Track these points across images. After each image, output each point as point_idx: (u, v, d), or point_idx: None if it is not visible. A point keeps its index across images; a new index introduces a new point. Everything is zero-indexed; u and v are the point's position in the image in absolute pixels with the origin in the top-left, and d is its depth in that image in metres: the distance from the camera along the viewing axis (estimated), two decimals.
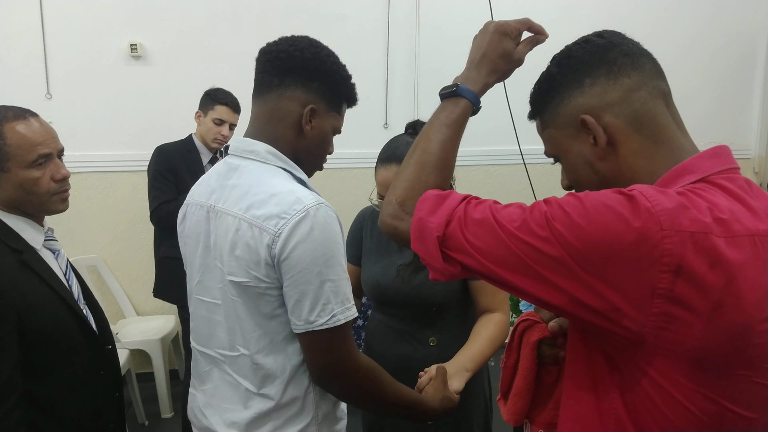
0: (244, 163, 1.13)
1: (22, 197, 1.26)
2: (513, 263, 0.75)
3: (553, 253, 0.72)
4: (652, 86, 0.83)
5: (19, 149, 1.23)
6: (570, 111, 0.84)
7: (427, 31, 3.70)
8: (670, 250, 0.68)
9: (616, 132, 0.82)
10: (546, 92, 0.88)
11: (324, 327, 1.05)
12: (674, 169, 0.79)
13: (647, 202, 0.70)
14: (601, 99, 0.82)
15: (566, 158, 0.88)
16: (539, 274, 0.74)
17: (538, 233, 0.73)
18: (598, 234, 0.70)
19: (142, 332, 3.25)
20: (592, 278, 0.71)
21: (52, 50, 3.24)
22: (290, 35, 1.16)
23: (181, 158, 2.81)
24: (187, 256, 1.24)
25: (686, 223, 0.69)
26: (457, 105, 0.95)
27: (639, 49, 0.85)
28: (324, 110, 1.15)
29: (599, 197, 0.73)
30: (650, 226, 0.68)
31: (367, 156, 2.44)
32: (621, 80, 0.82)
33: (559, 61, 0.87)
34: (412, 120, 1.66)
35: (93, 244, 3.43)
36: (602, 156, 0.83)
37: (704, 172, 0.78)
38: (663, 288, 0.69)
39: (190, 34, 3.40)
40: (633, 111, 0.81)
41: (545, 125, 0.90)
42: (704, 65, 4.11)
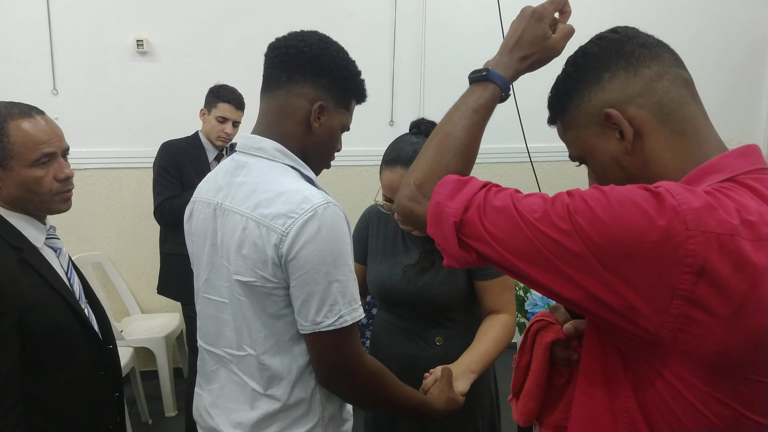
0: (251, 161, 1.11)
1: (24, 196, 1.25)
2: (531, 254, 0.74)
3: (574, 247, 0.70)
4: (674, 75, 0.81)
5: (22, 147, 1.22)
6: (592, 108, 0.82)
7: (434, 27, 3.68)
8: (694, 251, 0.66)
9: (642, 124, 0.80)
10: (564, 93, 0.86)
11: (331, 328, 1.04)
12: (701, 167, 0.77)
13: (673, 200, 0.68)
14: (623, 92, 0.80)
15: (593, 158, 0.86)
16: (557, 268, 0.72)
17: (560, 226, 0.72)
18: (621, 230, 0.68)
19: (146, 330, 3.25)
20: (611, 275, 0.69)
21: (59, 46, 3.24)
22: (299, 30, 1.14)
23: (186, 155, 2.81)
24: (195, 254, 1.23)
25: (713, 223, 0.67)
26: (485, 90, 0.92)
27: (655, 40, 0.83)
28: (333, 107, 1.13)
29: (624, 192, 0.71)
30: (675, 225, 0.67)
31: (373, 153, 2.43)
32: (641, 71, 0.80)
33: (575, 60, 0.85)
34: (418, 118, 1.64)
35: (98, 241, 3.43)
36: (629, 150, 0.80)
37: (732, 171, 0.75)
38: (684, 289, 0.67)
39: (197, 29, 3.39)
40: (657, 101, 0.79)
41: (567, 127, 0.88)
42: (712, 62, 4.07)
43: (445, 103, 3.27)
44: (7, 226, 1.24)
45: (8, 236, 1.23)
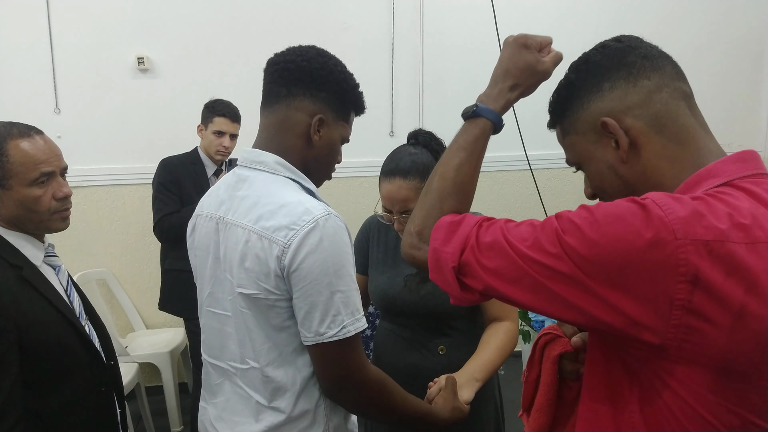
0: (253, 174, 1.12)
1: (23, 215, 1.26)
2: (527, 284, 0.74)
3: (565, 269, 0.71)
4: (674, 88, 0.82)
5: (21, 167, 1.23)
6: (590, 116, 0.84)
7: (432, 38, 3.70)
8: (685, 259, 0.66)
9: (638, 134, 0.81)
10: (565, 99, 0.87)
11: (334, 339, 1.04)
12: (698, 173, 0.78)
13: (660, 211, 0.68)
14: (621, 102, 0.81)
15: (589, 165, 0.87)
16: (554, 293, 0.73)
17: (549, 250, 0.72)
18: (610, 245, 0.69)
19: (151, 345, 3.25)
20: (607, 292, 0.69)
21: (61, 65, 3.27)
22: (297, 45, 1.16)
23: (185, 171, 2.83)
24: (198, 268, 1.24)
25: (701, 231, 0.67)
26: (476, 126, 0.95)
27: (658, 51, 0.84)
28: (332, 119, 1.15)
29: (610, 208, 0.72)
30: (664, 235, 0.67)
31: (373, 164, 2.44)
32: (641, 82, 0.81)
33: (578, 67, 0.87)
34: (416, 129, 1.65)
35: (102, 258, 3.44)
36: (625, 159, 0.82)
37: (728, 176, 0.76)
38: (681, 299, 0.67)
39: (196, 46, 3.42)
40: (654, 113, 0.80)
41: (566, 132, 0.89)
42: (712, 67, 4.09)
43: (444, 113, 3.31)
44: (6, 245, 1.25)
45: (7, 255, 1.23)
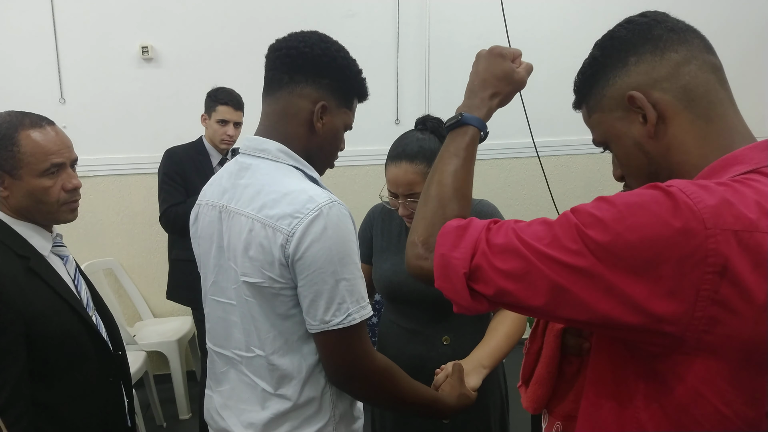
0: (255, 162, 1.12)
1: (32, 205, 1.26)
2: (543, 285, 0.71)
3: (586, 265, 0.68)
4: (702, 60, 0.79)
5: (32, 157, 1.23)
6: (616, 92, 0.81)
7: (437, 25, 3.67)
8: (715, 249, 0.64)
9: (666, 108, 0.78)
10: (590, 76, 0.85)
11: (340, 326, 1.04)
12: (725, 157, 0.75)
13: (688, 199, 0.66)
14: (648, 76, 0.79)
15: (616, 143, 0.84)
16: (571, 295, 0.70)
17: (569, 247, 0.69)
18: (636, 237, 0.66)
19: (159, 334, 3.27)
20: (631, 286, 0.67)
21: (65, 55, 3.27)
22: (299, 31, 1.15)
23: (190, 161, 2.82)
24: (201, 257, 1.23)
25: (730, 220, 0.65)
26: (465, 134, 0.94)
27: (685, 25, 0.82)
28: (335, 107, 1.14)
29: (633, 198, 0.69)
30: (693, 225, 0.65)
31: (379, 153, 2.43)
32: (668, 55, 0.79)
33: (602, 44, 0.84)
34: (424, 115, 1.64)
35: (109, 247, 3.46)
36: (652, 134, 0.79)
37: (756, 163, 0.73)
38: (707, 289, 0.65)
39: (201, 35, 3.41)
40: (683, 86, 0.78)
41: (591, 111, 0.87)
42: (718, 49, 4.02)
43: (450, 100, 3.29)
44: (13, 235, 1.25)
45: (14, 245, 1.23)
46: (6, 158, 1.22)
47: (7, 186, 1.24)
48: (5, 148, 1.22)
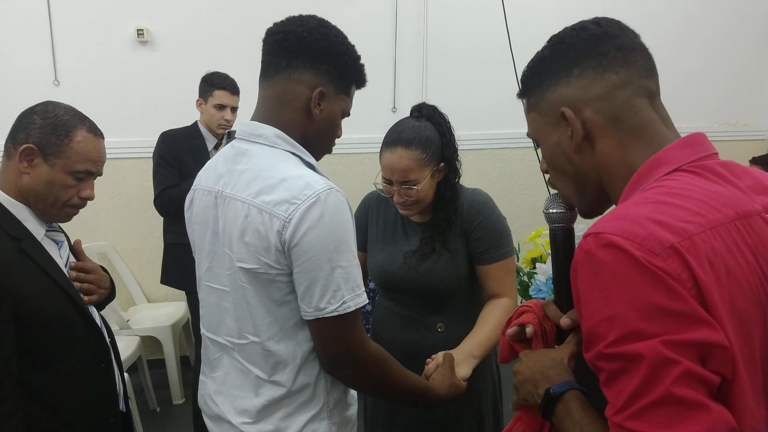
0: (252, 148, 1.11)
1: (42, 194, 1.27)
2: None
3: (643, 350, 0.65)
4: (639, 85, 0.82)
5: (75, 155, 1.27)
6: (554, 99, 0.85)
7: (436, 12, 3.65)
8: (677, 267, 0.65)
9: (594, 128, 0.82)
10: (536, 74, 0.88)
11: (334, 314, 1.04)
12: (647, 162, 0.79)
13: (623, 240, 0.67)
14: (585, 92, 0.82)
15: (545, 145, 0.89)
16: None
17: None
18: (630, 301, 0.66)
19: (152, 319, 3.27)
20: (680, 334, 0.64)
21: (59, 37, 3.23)
22: (298, 15, 1.13)
23: (185, 144, 2.81)
24: (196, 242, 1.23)
25: (670, 237, 0.67)
26: (567, 402, 0.82)
27: (634, 43, 0.83)
28: (333, 93, 1.13)
29: (594, 283, 0.69)
30: (650, 258, 0.66)
31: (375, 141, 2.41)
32: (608, 75, 0.81)
33: (553, 45, 0.87)
34: (419, 103, 1.63)
35: (103, 232, 3.44)
36: (577, 150, 0.83)
37: (677, 162, 0.77)
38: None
39: (196, 18, 3.37)
40: (614, 108, 0.81)
41: (530, 108, 0.90)
42: (717, 44, 4.03)
43: (447, 88, 3.26)
44: (7, 215, 1.24)
45: (6, 225, 1.23)
46: (53, 143, 1.25)
47: (34, 165, 1.24)
48: (58, 134, 1.25)
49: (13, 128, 1.27)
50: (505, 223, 1.60)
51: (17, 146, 1.24)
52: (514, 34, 2.92)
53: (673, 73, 4.02)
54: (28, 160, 1.24)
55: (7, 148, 1.27)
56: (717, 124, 4.18)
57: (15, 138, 1.26)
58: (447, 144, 1.54)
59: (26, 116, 1.27)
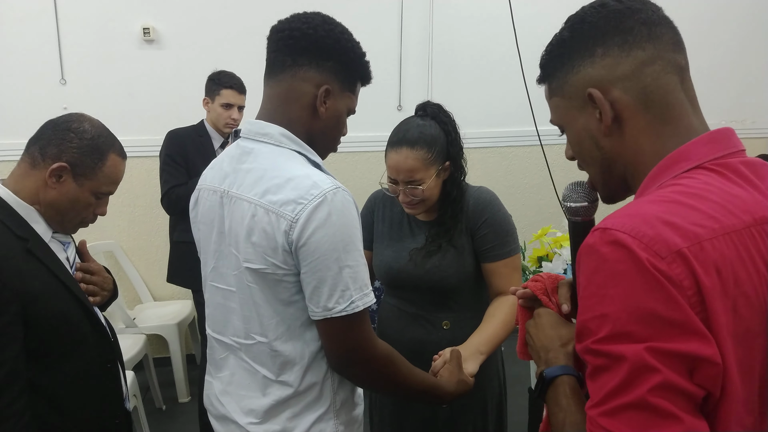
0: (257, 147, 1.10)
1: (63, 209, 1.28)
2: None
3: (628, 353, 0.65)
4: (668, 60, 0.78)
5: (104, 178, 1.30)
6: (579, 81, 0.81)
7: (441, 10, 3.63)
8: (680, 273, 0.64)
9: (623, 109, 0.78)
10: (557, 57, 0.84)
11: (343, 313, 1.04)
12: (671, 155, 0.76)
13: (632, 240, 0.66)
14: (611, 72, 0.78)
15: (571, 130, 0.85)
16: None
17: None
18: (630, 305, 0.65)
19: (158, 317, 3.28)
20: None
21: (66, 35, 3.24)
22: (302, 12, 1.12)
23: (192, 143, 2.82)
24: (201, 242, 1.23)
25: (678, 240, 0.65)
26: (559, 386, 0.84)
27: (659, 17, 0.80)
28: (338, 90, 1.12)
29: (593, 279, 0.68)
30: (654, 261, 0.64)
31: (380, 139, 2.41)
32: (634, 52, 0.77)
33: (573, 26, 0.82)
34: (424, 101, 1.63)
35: (109, 230, 3.45)
36: (607, 133, 0.80)
37: (698, 159, 0.74)
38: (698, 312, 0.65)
39: (203, 16, 3.37)
40: (644, 87, 0.77)
41: (553, 92, 0.86)
42: (725, 42, 4.00)
43: (453, 86, 3.24)
44: (14, 216, 1.24)
45: (13, 226, 1.22)
46: (87, 164, 1.26)
47: (62, 182, 1.25)
48: (93, 157, 1.27)
49: (43, 138, 1.26)
50: (510, 221, 1.59)
51: (46, 159, 1.24)
52: (520, 31, 2.90)
53: None
54: (57, 176, 1.24)
55: (33, 155, 1.25)
56: (725, 122, 4.15)
57: (45, 150, 1.24)
58: (452, 142, 1.53)
59: (60, 131, 1.26)
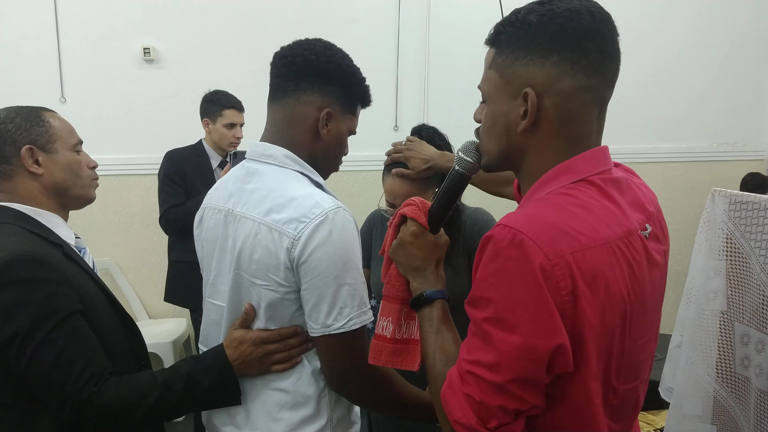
0: (262, 168, 1.13)
1: (69, 179, 1.26)
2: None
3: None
4: (599, 94, 0.84)
5: (63, 131, 1.26)
6: (523, 75, 0.83)
7: (438, 33, 3.70)
8: (561, 275, 0.74)
9: (545, 119, 0.83)
10: (514, 38, 0.84)
11: (341, 330, 1.06)
12: (558, 167, 0.84)
13: (528, 241, 0.75)
14: (553, 83, 0.82)
15: (491, 108, 0.89)
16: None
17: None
18: (526, 294, 0.75)
19: (153, 335, 3.26)
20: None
21: (67, 54, 3.27)
22: (304, 38, 1.16)
23: (190, 163, 2.85)
24: (204, 259, 1.24)
25: (564, 247, 0.75)
26: (436, 308, 1.01)
27: (614, 48, 0.83)
28: (339, 113, 1.15)
29: (491, 266, 0.78)
30: (542, 261, 0.74)
31: (377, 158, 2.44)
32: (579, 76, 0.81)
33: (542, 17, 0.82)
34: (420, 123, 1.66)
35: (106, 247, 3.46)
36: (522, 131, 0.85)
37: (583, 173, 0.83)
38: (568, 313, 0.78)
39: (202, 37, 3.42)
40: (570, 110, 0.83)
41: (494, 65, 0.87)
42: (717, 64, 4.07)
43: (449, 107, 3.30)
44: (40, 226, 1.22)
45: (46, 234, 1.20)
46: (40, 134, 1.23)
47: (42, 163, 1.23)
48: (37, 124, 1.23)
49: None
50: None
51: (11, 159, 1.20)
52: None
53: (673, 92, 4.08)
54: (33, 161, 1.22)
55: (2, 171, 1.21)
56: (716, 144, 4.21)
57: (2, 156, 1.20)
58: None
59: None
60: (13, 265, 1.07)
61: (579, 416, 0.81)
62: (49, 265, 1.11)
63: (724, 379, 1.23)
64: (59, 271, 1.12)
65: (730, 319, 1.22)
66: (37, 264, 1.09)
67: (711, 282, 1.23)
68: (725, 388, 1.23)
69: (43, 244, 1.17)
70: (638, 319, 0.84)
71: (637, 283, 0.82)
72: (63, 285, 1.11)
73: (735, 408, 1.21)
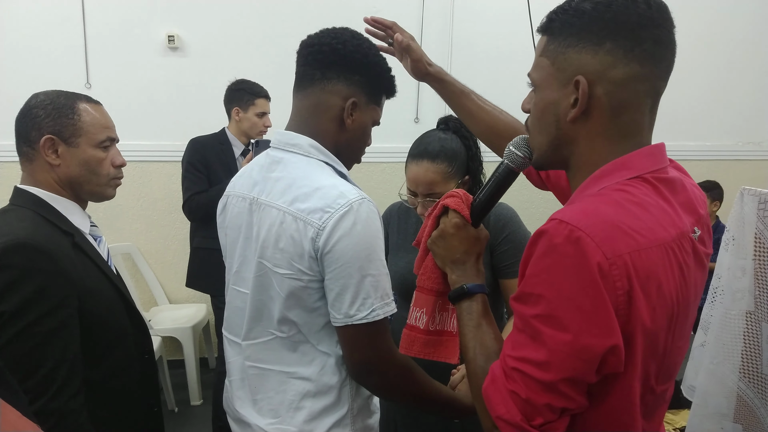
0: (287, 156, 1.13)
1: (84, 176, 1.28)
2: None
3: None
4: (653, 85, 0.82)
5: (91, 127, 1.27)
6: (575, 61, 0.81)
7: (461, 24, 3.67)
8: (618, 274, 0.73)
9: (597, 108, 0.81)
10: (567, 25, 0.82)
11: (363, 321, 1.06)
12: (614, 162, 0.82)
13: (586, 238, 0.73)
14: (606, 71, 0.79)
15: (541, 95, 0.87)
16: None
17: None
18: (581, 293, 0.74)
19: (173, 320, 3.32)
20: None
21: (93, 41, 3.31)
22: (331, 27, 1.16)
23: (213, 151, 2.87)
24: (227, 246, 1.25)
25: (622, 246, 0.73)
26: (476, 301, 0.99)
27: (669, 39, 0.81)
28: (364, 103, 1.15)
29: (544, 262, 0.77)
30: (600, 259, 0.72)
31: (397, 150, 2.44)
32: (633, 65, 0.79)
33: (597, 4, 0.80)
34: (444, 115, 1.65)
35: (128, 232, 3.51)
36: (572, 120, 0.82)
37: (639, 170, 0.81)
38: (623, 312, 0.77)
39: (226, 25, 3.44)
40: (623, 100, 0.80)
41: (546, 52, 0.85)
42: (742, 61, 4.00)
43: None
44: (55, 213, 1.25)
45: (57, 221, 1.23)
46: (66, 125, 1.24)
47: (60, 154, 1.25)
48: (66, 115, 1.24)
49: (20, 132, 1.25)
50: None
51: (34, 145, 1.23)
52: None
53: (698, 90, 4.01)
54: (53, 151, 1.24)
55: (25, 153, 1.26)
56: (741, 143, 4.13)
57: (27, 139, 1.24)
58: (473, 157, 1.55)
59: (26, 116, 1.25)
60: (10, 251, 1.10)
61: (618, 415, 0.80)
62: (48, 255, 1.13)
63: (750, 379, 1.21)
64: (57, 263, 1.14)
65: (757, 319, 1.20)
66: (35, 253, 1.12)
67: (738, 281, 1.21)
68: (751, 388, 1.22)
69: (51, 232, 1.19)
70: (681, 322, 0.83)
71: (685, 285, 0.81)
72: (58, 277, 1.13)
73: (761, 408, 1.20)
